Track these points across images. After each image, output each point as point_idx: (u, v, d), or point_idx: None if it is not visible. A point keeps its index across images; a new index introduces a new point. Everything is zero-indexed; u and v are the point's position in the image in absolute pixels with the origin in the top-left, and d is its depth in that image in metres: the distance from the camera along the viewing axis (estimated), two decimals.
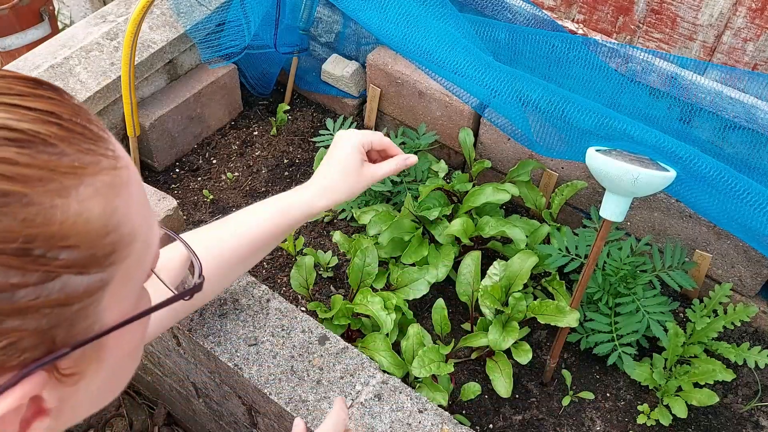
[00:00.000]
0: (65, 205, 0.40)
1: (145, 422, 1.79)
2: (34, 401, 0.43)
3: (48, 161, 0.40)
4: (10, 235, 0.37)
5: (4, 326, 0.38)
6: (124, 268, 0.45)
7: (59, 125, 0.41)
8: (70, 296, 0.41)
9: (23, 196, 0.38)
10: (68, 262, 0.40)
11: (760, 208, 1.05)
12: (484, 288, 1.37)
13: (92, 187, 0.42)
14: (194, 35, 1.74)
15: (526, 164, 1.60)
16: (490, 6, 1.51)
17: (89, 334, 0.44)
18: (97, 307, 0.44)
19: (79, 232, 0.41)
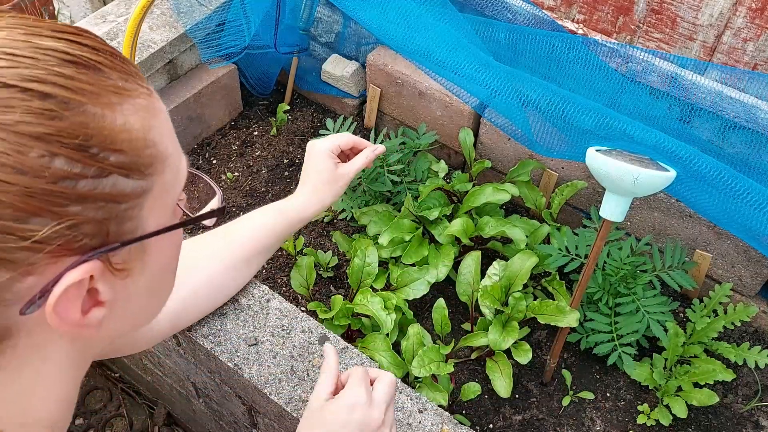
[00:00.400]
0: (113, 116, 0.49)
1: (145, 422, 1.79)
2: (92, 294, 0.53)
3: (99, 80, 0.49)
4: (72, 133, 0.47)
5: (69, 209, 0.47)
6: (161, 182, 0.54)
7: (105, 57, 0.51)
8: (119, 195, 0.50)
9: (81, 104, 0.48)
10: (117, 163, 0.50)
11: (761, 208, 1.06)
12: (484, 288, 1.37)
13: (133, 106, 0.51)
14: (194, 35, 1.74)
15: (526, 164, 1.60)
16: (490, 6, 1.51)
17: (135, 234, 0.53)
18: (140, 212, 0.53)
19: (125, 139, 0.50)
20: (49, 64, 0.47)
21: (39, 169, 0.46)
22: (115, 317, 0.57)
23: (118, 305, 0.56)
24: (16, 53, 0.47)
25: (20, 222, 0.46)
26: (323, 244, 1.67)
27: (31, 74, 0.46)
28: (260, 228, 1.09)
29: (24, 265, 0.47)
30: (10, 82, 0.46)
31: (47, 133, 0.46)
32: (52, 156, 0.46)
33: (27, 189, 0.45)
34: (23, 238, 0.46)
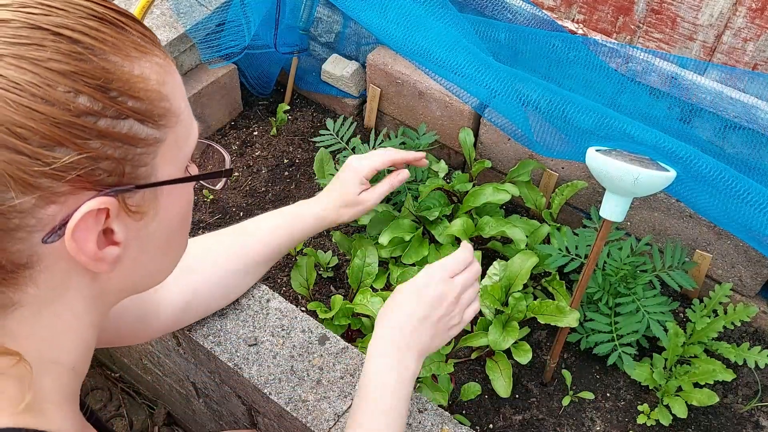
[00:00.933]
0: (131, 66, 0.55)
1: (145, 422, 1.79)
2: (107, 234, 0.57)
3: (121, 36, 0.55)
4: (95, 75, 0.52)
5: (89, 143, 0.52)
6: (173, 135, 0.59)
7: (128, 19, 0.57)
8: (135, 137, 0.55)
9: (104, 52, 0.53)
10: (134, 108, 0.54)
11: (761, 208, 1.06)
12: (484, 288, 1.37)
13: (150, 62, 0.57)
14: (194, 35, 1.74)
15: (527, 164, 1.60)
16: (490, 6, 1.51)
17: (148, 180, 0.58)
18: (153, 159, 0.58)
19: (141, 88, 0.55)
20: (78, 16, 0.53)
21: (65, 102, 0.51)
22: (129, 263, 0.61)
23: (132, 249, 0.60)
24: (50, 4, 0.52)
25: (46, 149, 0.50)
26: (323, 244, 1.67)
27: (62, 22, 0.52)
28: (275, 230, 1.11)
29: (47, 192, 0.51)
30: (44, 26, 0.51)
31: (73, 72, 0.51)
32: (77, 92, 0.51)
33: (54, 119, 0.50)
34: (47, 164, 0.50)
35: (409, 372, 0.88)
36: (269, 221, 1.13)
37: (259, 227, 1.12)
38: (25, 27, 0.51)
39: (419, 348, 0.90)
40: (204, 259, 1.07)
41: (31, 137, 0.50)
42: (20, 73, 0.50)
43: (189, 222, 0.69)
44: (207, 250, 1.08)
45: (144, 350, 1.48)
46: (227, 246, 1.09)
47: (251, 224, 1.12)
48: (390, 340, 0.89)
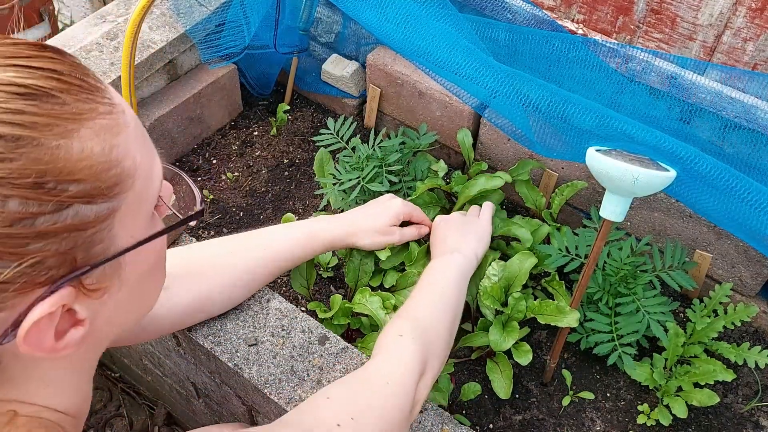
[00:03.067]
0: (68, 145, 0.48)
1: (145, 422, 1.79)
2: (69, 314, 0.52)
3: (51, 110, 0.47)
4: (24, 172, 0.45)
5: (29, 248, 0.46)
6: (131, 196, 0.53)
7: (59, 80, 0.49)
8: (83, 222, 0.49)
9: (33, 140, 0.46)
10: (77, 193, 0.48)
11: (761, 208, 1.05)
12: (484, 288, 1.37)
13: (91, 129, 0.49)
14: (194, 35, 1.74)
15: (526, 164, 1.60)
16: (489, 6, 1.51)
17: (106, 255, 0.52)
18: (109, 232, 0.52)
19: (83, 167, 0.48)
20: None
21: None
22: (101, 332, 0.56)
23: (100, 322, 0.55)
24: None
25: None
26: None
27: None
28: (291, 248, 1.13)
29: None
30: None
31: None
32: (5, 199, 0.45)
33: None
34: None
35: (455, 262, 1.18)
36: (286, 235, 1.13)
37: (273, 240, 1.11)
38: None
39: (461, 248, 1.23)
40: (213, 265, 1.06)
41: None
42: None
43: (164, 260, 0.64)
44: (217, 257, 1.07)
45: (144, 350, 1.48)
46: (239, 257, 1.08)
47: (267, 236, 1.12)
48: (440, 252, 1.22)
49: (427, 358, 0.97)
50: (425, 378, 0.96)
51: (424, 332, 1.00)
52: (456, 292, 1.13)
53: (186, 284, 1.03)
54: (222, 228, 1.71)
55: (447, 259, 1.20)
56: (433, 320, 1.04)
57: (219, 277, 1.07)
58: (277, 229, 1.15)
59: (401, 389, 0.87)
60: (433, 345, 1.00)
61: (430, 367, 0.97)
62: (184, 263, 1.03)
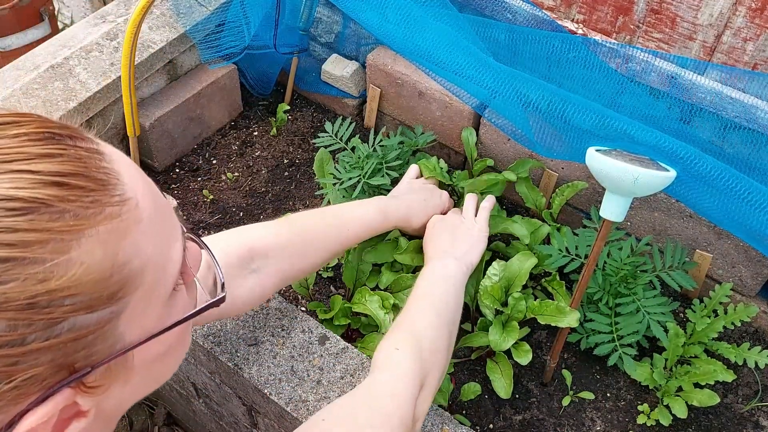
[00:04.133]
0: (65, 260, 0.43)
1: (145, 422, 1.78)
2: (70, 406, 0.47)
3: (46, 224, 0.42)
4: (13, 296, 0.41)
5: (20, 366, 0.42)
6: (139, 295, 0.48)
7: (61, 185, 0.44)
8: (81, 332, 0.45)
9: (23, 259, 0.41)
10: (73, 307, 0.43)
11: (761, 208, 1.05)
12: (484, 288, 1.37)
13: (93, 237, 0.45)
14: (194, 35, 1.74)
15: (525, 163, 1.60)
16: (489, 6, 1.51)
17: (111, 353, 0.47)
18: (114, 331, 0.47)
19: (81, 282, 0.44)
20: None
21: None
22: (109, 416, 0.52)
23: (107, 409, 0.51)
24: None
25: None
26: None
27: None
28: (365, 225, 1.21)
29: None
30: None
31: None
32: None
33: None
34: None
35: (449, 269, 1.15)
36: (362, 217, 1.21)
37: (352, 219, 1.19)
38: None
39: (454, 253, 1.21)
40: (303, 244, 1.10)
41: None
42: None
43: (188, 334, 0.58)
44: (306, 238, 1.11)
45: None
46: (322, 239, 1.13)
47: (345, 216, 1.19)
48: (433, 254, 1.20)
49: (426, 372, 0.95)
50: (424, 392, 0.94)
51: (421, 345, 0.98)
52: (452, 300, 1.11)
53: (277, 264, 1.04)
54: (222, 228, 1.71)
55: (441, 265, 1.19)
56: (430, 332, 1.03)
57: (305, 259, 1.09)
58: (353, 208, 1.21)
59: (401, 405, 0.86)
60: (432, 358, 0.99)
61: (429, 380, 0.96)
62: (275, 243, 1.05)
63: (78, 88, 1.57)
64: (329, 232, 1.13)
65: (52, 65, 1.59)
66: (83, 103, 1.55)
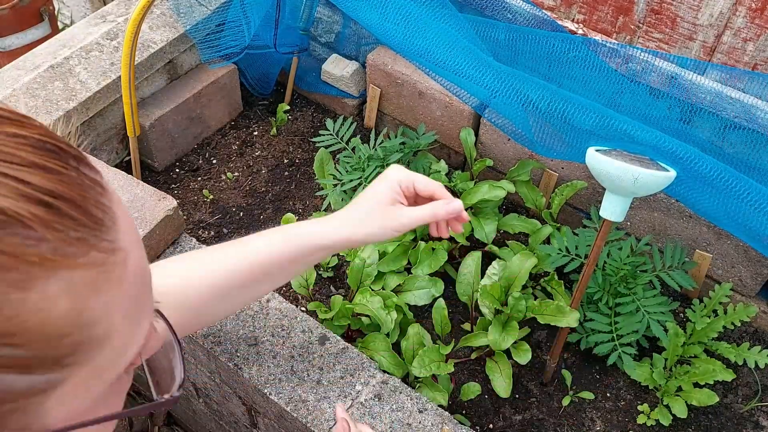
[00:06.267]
0: (21, 299, 0.34)
1: (145, 422, 1.78)
2: None
3: (16, 247, 0.34)
4: None
5: None
6: (87, 370, 0.39)
7: (49, 207, 0.36)
8: (5, 396, 0.35)
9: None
10: (9, 361, 0.35)
11: (761, 208, 1.05)
12: (483, 288, 1.37)
13: (65, 281, 0.36)
14: (194, 35, 1.74)
15: (526, 164, 1.60)
16: (490, 6, 1.51)
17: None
18: (38, 408, 0.37)
19: (30, 330, 0.35)
20: None
21: None
22: None
23: None
24: None
25: None
26: None
27: None
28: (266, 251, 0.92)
29: None
30: None
31: None
32: None
33: None
34: None
35: None
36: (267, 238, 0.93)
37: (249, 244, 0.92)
38: None
39: None
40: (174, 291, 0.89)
41: None
42: None
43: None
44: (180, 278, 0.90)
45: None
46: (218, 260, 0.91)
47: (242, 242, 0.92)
48: None
49: None
50: None
51: None
52: None
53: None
54: (222, 228, 1.71)
55: None
56: None
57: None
58: (265, 233, 0.93)
59: None
60: None
61: None
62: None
63: (78, 87, 1.58)
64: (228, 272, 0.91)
65: (52, 65, 1.59)
66: (83, 103, 1.55)
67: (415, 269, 1.44)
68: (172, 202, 1.24)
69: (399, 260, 1.44)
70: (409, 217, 0.88)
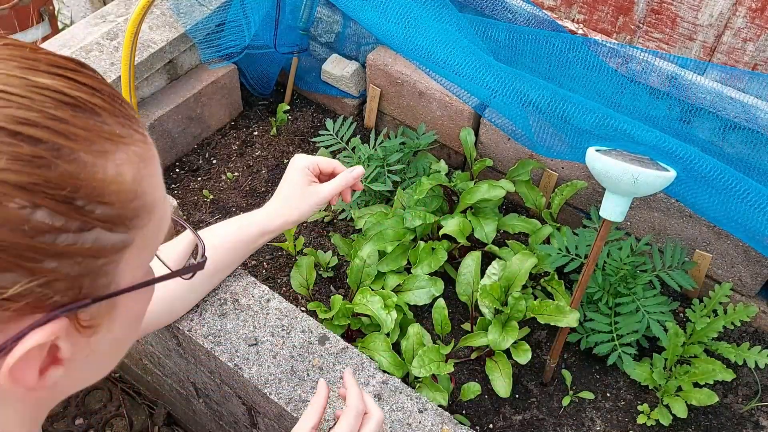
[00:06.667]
0: (104, 165, 0.46)
1: (145, 422, 1.79)
2: (51, 351, 0.48)
3: (95, 126, 0.46)
4: (60, 183, 0.43)
5: (44, 266, 0.44)
6: (143, 234, 0.51)
7: (103, 99, 0.48)
8: (99, 250, 0.47)
9: (72, 152, 0.44)
10: (102, 216, 0.46)
11: (760, 208, 1.06)
12: (483, 287, 1.37)
13: (126, 154, 0.48)
14: (194, 35, 1.74)
15: (526, 164, 1.60)
16: (490, 6, 1.51)
17: (107, 291, 0.49)
18: (116, 267, 0.49)
19: (114, 191, 0.47)
20: (44, 106, 0.44)
21: (18, 221, 0.42)
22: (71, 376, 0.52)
23: (76, 364, 0.51)
24: (10, 91, 0.43)
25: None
26: (323, 244, 1.67)
27: (24, 116, 0.43)
28: (221, 243, 1.07)
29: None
30: (0, 124, 0.42)
31: (33, 183, 0.42)
32: (35, 207, 0.42)
33: (2, 242, 0.41)
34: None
35: None
36: (219, 231, 1.07)
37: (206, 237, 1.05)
38: None
39: None
40: None
41: None
42: None
43: (142, 319, 0.60)
44: None
45: (144, 351, 1.48)
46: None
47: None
48: None
49: None
50: None
51: None
52: None
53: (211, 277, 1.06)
54: None
55: None
56: None
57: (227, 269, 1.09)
58: (213, 227, 1.08)
59: None
60: None
61: None
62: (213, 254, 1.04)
63: None
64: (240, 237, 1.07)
65: None
66: None
67: (415, 269, 1.44)
68: (172, 202, 1.24)
69: (399, 260, 1.44)
70: (326, 190, 1.06)
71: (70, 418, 1.78)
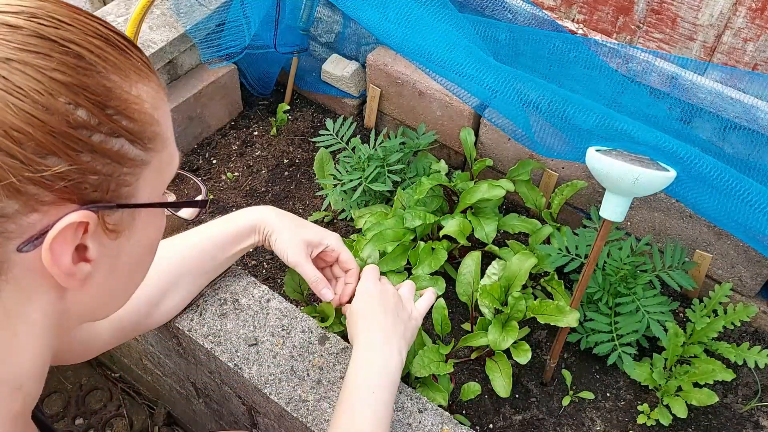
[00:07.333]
0: (129, 87, 0.56)
1: (145, 422, 1.79)
2: (80, 251, 0.57)
3: (122, 56, 0.57)
4: (96, 90, 0.54)
5: (81, 156, 0.53)
6: (158, 160, 0.60)
7: (129, 45, 0.58)
8: (124, 157, 0.56)
9: (105, 70, 0.55)
10: (128, 128, 0.56)
11: (761, 208, 1.05)
12: (483, 287, 1.37)
13: (147, 86, 0.58)
14: (194, 35, 1.74)
15: (526, 164, 1.60)
16: (490, 6, 1.51)
17: (129, 200, 0.59)
18: (137, 181, 0.58)
19: (136, 110, 0.56)
20: (85, 33, 0.55)
21: (64, 113, 0.52)
22: (96, 284, 0.60)
23: (101, 269, 0.60)
24: (59, 18, 0.54)
25: (39, 156, 0.51)
26: None
27: (69, 36, 0.53)
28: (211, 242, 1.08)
29: (33, 199, 0.52)
30: (52, 37, 0.52)
31: (76, 84, 0.52)
32: (77, 105, 0.52)
33: (51, 128, 0.51)
34: (38, 171, 0.51)
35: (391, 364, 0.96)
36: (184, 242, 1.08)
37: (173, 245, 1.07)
38: (34, 36, 0.52)
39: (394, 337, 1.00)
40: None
41: (26, 142, 0.50)
42: (25, 79, 0.50)
43: (155, 251, 0.69)
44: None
45: (144, 350, 1.48)
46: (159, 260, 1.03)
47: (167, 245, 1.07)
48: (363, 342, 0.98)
49: None
50: None
51: None
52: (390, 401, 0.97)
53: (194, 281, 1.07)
54: None
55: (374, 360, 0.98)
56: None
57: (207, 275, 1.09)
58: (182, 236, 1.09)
59: None
60: None
61: None
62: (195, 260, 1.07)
63: None
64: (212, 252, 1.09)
65: None
66: None
67: (415, 269, 1.44)
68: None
69: (399, 260, 1.44)
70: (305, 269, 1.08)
71: (70, 418, 1.78)
